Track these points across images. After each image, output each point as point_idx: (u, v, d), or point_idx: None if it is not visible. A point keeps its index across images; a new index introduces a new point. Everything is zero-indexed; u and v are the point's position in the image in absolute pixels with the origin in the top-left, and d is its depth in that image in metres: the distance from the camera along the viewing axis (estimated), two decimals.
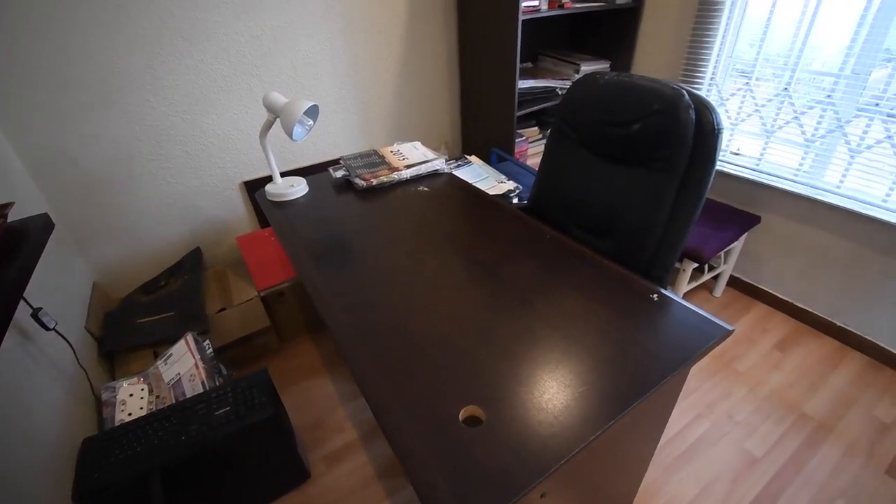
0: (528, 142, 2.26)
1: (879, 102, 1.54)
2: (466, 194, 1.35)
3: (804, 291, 1.93)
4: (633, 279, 0.95)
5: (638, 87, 1.02)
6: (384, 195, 1.35)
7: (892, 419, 1.54)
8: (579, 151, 1.22)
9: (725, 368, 1.76)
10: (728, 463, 1.43)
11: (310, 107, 1.22)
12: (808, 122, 1.73)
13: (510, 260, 1.03)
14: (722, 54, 1.90)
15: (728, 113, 1.97)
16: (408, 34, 2.03)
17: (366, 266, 1.03)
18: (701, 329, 0.81)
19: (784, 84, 1.75)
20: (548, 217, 1.32)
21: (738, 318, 2.01)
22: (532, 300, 0.90)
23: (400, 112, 2.21)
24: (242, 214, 1.99)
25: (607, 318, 0.84)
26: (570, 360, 0.76)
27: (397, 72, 2.09)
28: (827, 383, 1.68)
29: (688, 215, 1.00)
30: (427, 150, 1.53)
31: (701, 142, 0.93)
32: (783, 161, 1.85)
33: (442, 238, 1.13)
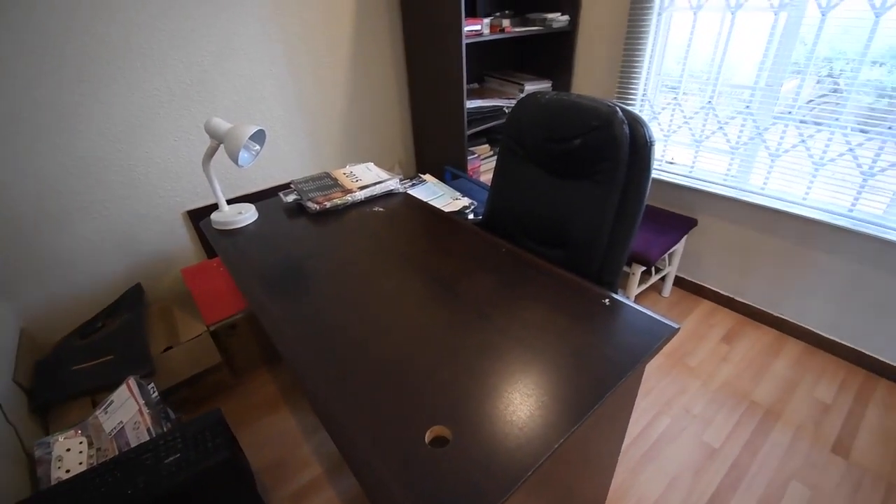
0: (480, 159, 2.31)
1: (791, 111, 1.71)
2: (422, 213, 1.36)
3: (742, 286, 2.08)
4: (586, 286, 0.98)
5: (576, 105, 1.08)
6: (338, 218, 1.33)
7: (832, 400, 1.67)
8: (528, 167, 1.26)
9: (679, 365, 1.85)
10: (689, 457, 1.49)
11: (255, 132, 1.19)
12: (732, 131, 1.89)
13: (468, 275, 1.04)
14: (651, 72, 2.04)
15: (661, 125, 2.11)
16: (354, 58, 2.05)
17: (322, 291, 1.00)
18: (651, 329, 0.85)
19: (708, 97, 1.91)
20: (503, 231, 1.35)
21: (686, 315, 2.13)
22: (491, 314, 0.91)
23: (351, 134, 2.20)
24: (187, 245, 1.90)
25: (564, 326, 0.86)
26: (531, 371, 0.77)
27: (346, 95, 2.10)
28: (771, 371, 1.80)
29: (631, 222, 1.05)
30: (381, 170, 1.53)
31: (636, 154, 0.99)
32: (713, 167, 2.00)
33: (399, 257, 1.12)
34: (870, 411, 1.62)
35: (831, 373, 1.78)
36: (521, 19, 2.18)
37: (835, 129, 1.61)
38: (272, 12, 1.75)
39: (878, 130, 1.52)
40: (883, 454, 1.47)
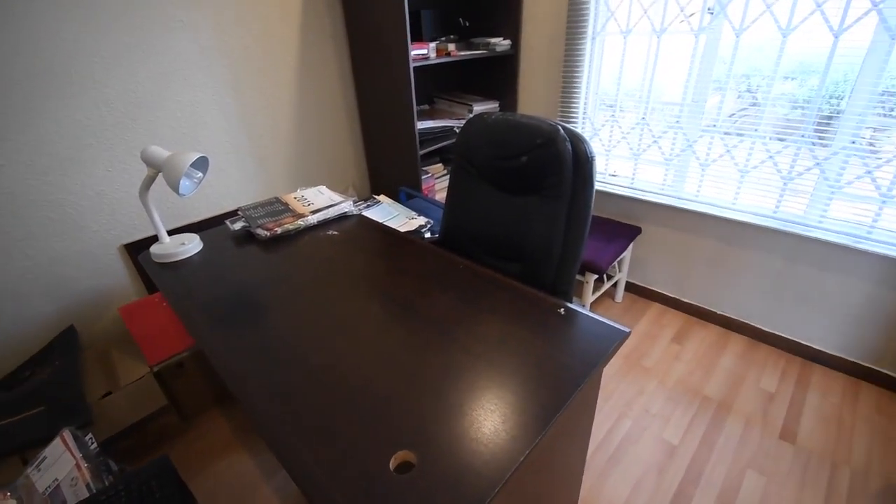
0: (435, 178, 2.34)
1: (716, 124, 1.86)
2: (378, 234, 1.35)
3: (685, 287, 2.20)
4: (542, 297, 1.00)
5: (521, 124, 1.12)
6: (291, 243, 1.30)
7: (775, 389, 1.79)
8: (479, 185, 1.29)
9: (636, 367, 1.91)
10: (652, 456, 1.53)
11: (197, 158, 1.15)
12: (665, 144, 2.03)
13: (427, 294, 1.03)
14: (589, 91, 2.17)
15: (602, 141, 2.23)
16: (301, 83, 2.03)
17: (275, 321, 0.97)
18: (604, 335, 0.88)
19: (642, 114, 2.04)
20: (459, 247, 1.37)
21: (639, 318, 2.22)
22: (452, 331, 0.91)
23: (302, 158, 2.17)
24: (125, 281, 1.77)
25: (523, 338, 0.88)
26: (493, 385, 0.77)
27: (295, 118, 2.07)
28: (719, 366, 1.91)
29: (579, 233, 1.09)
30: (333, 193, 1.52)
31: (579, 169, 1.04)
32: (651, 178, 2.14)
33: (356, 281, 1.10)
34: (809, 396, 1.74)
35: (772, 363, 1.91)
36: (466, 43, 2.26)
37: (755, 139, 1.77)
38: (214, 38, 1.72)
39: (793, 139, 1.69)
40: (824, 435, 1.58)
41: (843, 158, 1.60)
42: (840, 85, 1.56)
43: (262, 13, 1.82)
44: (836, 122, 1.58)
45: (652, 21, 1.86)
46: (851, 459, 1.49)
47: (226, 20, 1.73)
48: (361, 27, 1.98)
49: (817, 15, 1.50)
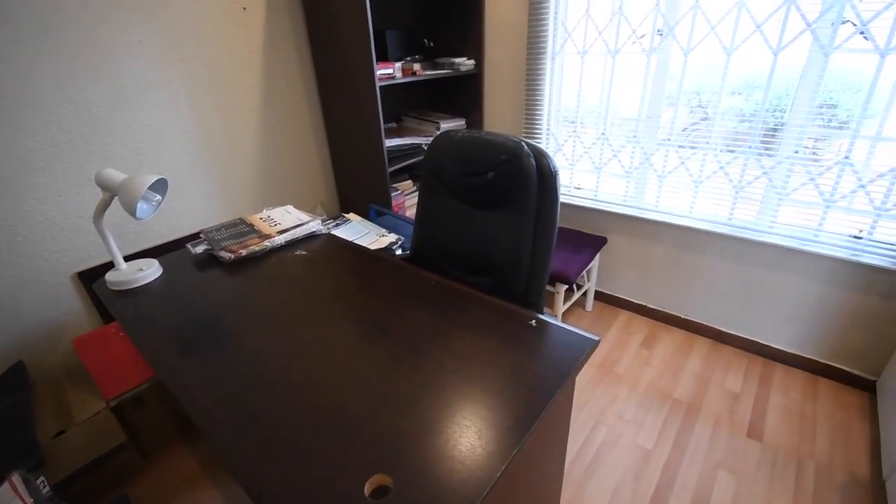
0: (404, 194, 2.34)
1: (671, 137, 1.95)
2: (348, 252, 1.34)
3: (650, 294, 2.27)
4: (514, 310, 1.01)
5: (486, 141, 1.15)
6: (257, 265, 1.26)
7: (740, 388, 1.85)
8: (448, 200, 1.31)
9: (608, 374, 1.95)
10: (628, 462, 1.55)
11: (155, 181, 1.11)
12: (625, 157, 2.11)
13: (399, 312, 1.03)
14: (552, 108, 2.24)
15: (565, 155, 2.31)
16: (266, 102, 2.01)
17: (241, 347, 0.93)
18: (575, 344, 0.89)
19: (602, 129, 2.13)
20: (431, 263, 1.37)
21: (609, 326, 2.27)
22: (425, 348, 0.90)
23: (267, 177, 2.13)
24: (78, 311, 1.68)
25: (496, 351, 0.88)
26: (467, 401, 0.77)
27: (260, 138, 2.04)
28: (686, 369, 1.97)
29: (547, 245, 1.12)
30: (301, 212, 1.49)
31: (544, 183, 1.07)
32: (613, 190, 2.22)
33: (326, 301, 1.08)
34: (772, 394, 1.82)
35: (736, 364, 1.99)
36: (431, 63, 2.30)
37: (707, 151, 1.87)
38: (174, 58, 1.68)
39: (742, 150, 1.79)
40: (788, 431, 1.65)
41: (787, 167, 1.71)
42: (782, 99, 1.67)
43: (225, 33, 1.80)
44: (780, 133, 1.70)
45: (606, 42, 1.96)
46: (815, 454, 1.56)
47: (187, 40, 1.70)
48: (326, 47, 1.99)
49: (757, 35, 1.61)
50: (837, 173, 1.62)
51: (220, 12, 1.77)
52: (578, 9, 1.98)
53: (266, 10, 1.90)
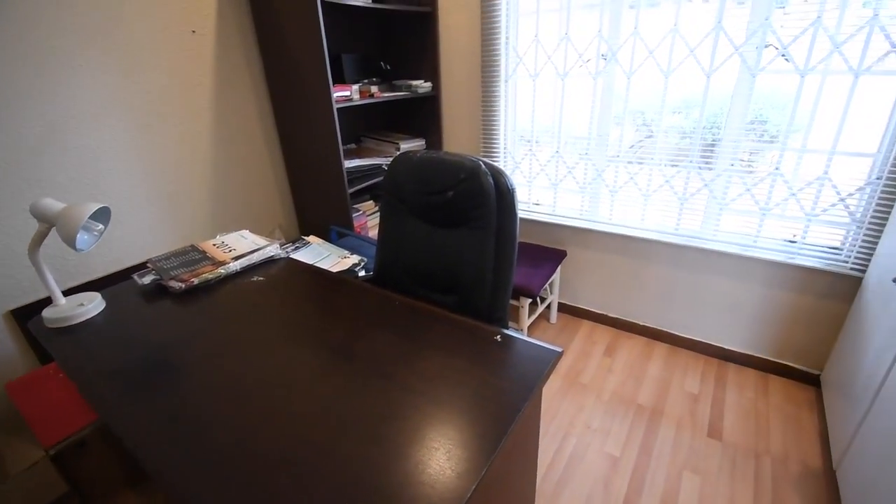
0: (367, 215, 2.33)
1: (620, 154, 2.06)
2: (309, 276, 1.31)
3: (609, 303, 2.35)
4: (479, 327, 1.02)
5: (445, 161, 1.17)
6: (211, 294, 1.21)
7: (699, 390, 1.93)
8: (409, 220, 1.31)
9: (574, 385, 1.98)
10: (598, 471, 1.57)
11: (97, 210, 1.05)
12: (578, 173, 2.20)
13: (363, 335, 1.01)
14: (508, 128, 2.32)
15: (523, 173, 2.38)
16: (218, 124, 1.96)
17: (194, 383, 0.88)
18: (539, 357, 0.90)
19: (556, 147, 2.21)
20: (395, 283, 1.36)
21: (573, 337, 2.32)
22: (391, 371, 0.89)
23: (221, 201, 2.06)
24: (12, 353, 1.53)
25: (462, 370, 0.88)
26: (435, 423, 0.76)
27: (212, 161, 1.98)
28: (647, 374, 2.03)
29: (508, 261, 1.14)
30: (257, 237, 1.45)
31: (502, 200, 1.10)
32: (570, 205, 2.30)
33: (285, 329, 1.05)
34: (728, 394, 1.90)
35: (693, 366, 2.07)
36: (388, 85, 2.33)
37: (653, 166, 1.98)
38: (121, 80, 1.62)
39: (684, 164, 1.91)
40: (745, 429, 1.72)
41: (725, 179, 1.84)
42: (717, 116, 1.80)
43: (174, 57, 1.75)
44: (717, 148, 1.82)
45: (555, 66, 2.06)
46: (771, 449, 1.64)
47: (133, 64, 1.64)
48: (281, 70, 1.97)
49: (691, 59, 1.74)
50: (770, 183, 1.76)
51: (168, 36, 1.72)
52: (528, 35, 2.08)
53: (217, 34, 1.87)
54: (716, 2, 1.64)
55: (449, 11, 2.24)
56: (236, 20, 1.92)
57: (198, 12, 1.80)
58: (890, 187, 1.53)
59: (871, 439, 1.25)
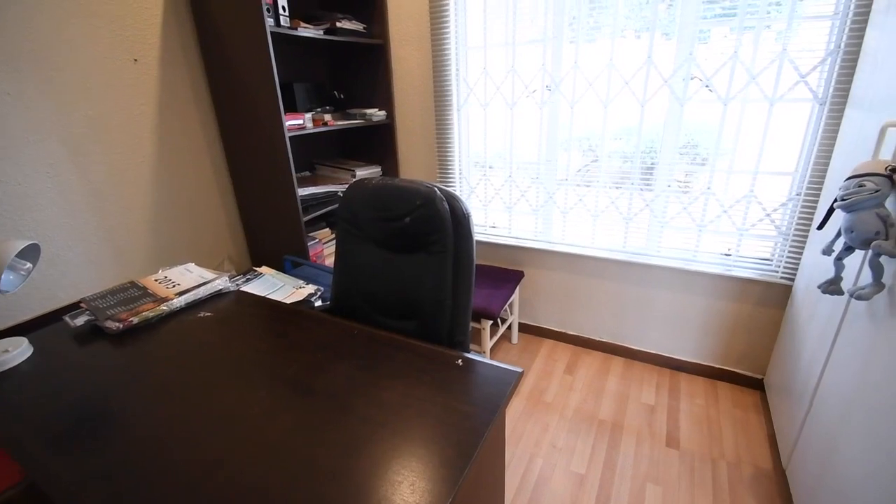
0: (323, 243, 2.28)
1: (568, 177, 2.16)
2: (261, 309, 1.25)
3: (567, 320, 2.41)
4: (440, 352, 1.01)
5: (400, 188, 1.18)
6: (152, 334, 1.13)
7: (654, 401, 1.99)
8: (367, 246, 1.30)
9: (538, 404, 1.99)
10: (565, 491, 1.57)
11: (25, 247, 0.97)
12: (531, 196, 2.28)
13: (321, 368, 0.97)
14: (462, 154, 2.38)
15: (479, 197, 2.43)
16: (162, 154, 1.88)
17: (133, 430, 0.81)
18: (502, 378, 0.91)
19: (509, 172, 2.29)
20: (353, 312, 1.33)
21: (535, 356, 2.35)
22: (351, 404, 0.86)
23: (165, 234, 1.96)
24: None
25: (424, 397, 0.86)
26: (398, 454, 0.73)
27: (155, 193, 1.88)
28: (606, 389, 2.08)
29: (467, 283, 1.15)
30: (204, 270, 1.38)
31: (458, 225, 1.12)
32: (525, 226, 2.37)
33: (236, 366, 0.99)
34: (682, 403, 1.98)
35: (648, 378, 2.15)
36: (342, 114, 2.34)
37: (599, 188, 2.09)
38: (51, 111, 1.52)
39: (627, 186, 2.03)
40: (699, 436, 1.79)
41: (664, 199, 1.97)
42: (654, 141, 1.94)
43: (114, 86, 1.68)
44: (655, 170, 1.96)
45: (504, 96, 2.15)
46: (725, 453, 1.71)
47: (68, 94, 1.56)
48: (230, 99, 1.93)
49: (626, 89, 1.88)
50: (704, 202, 1.90)
51: (107, 65, 1.66)
52: (477, 67, 2.17)
53: (160, 63, 1.82)
54: (646, 38, 1.79)
55: (400, 44, 2.31)
56: (182, 49, 1.88)
57: (140, 41, 1.74)
58: (808, 203, 1.70)
59: (814, 438, 1.34)
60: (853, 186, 1.05)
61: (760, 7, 1.59)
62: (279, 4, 1.78)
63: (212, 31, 1.84)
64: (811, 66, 1.57)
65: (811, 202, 1.69)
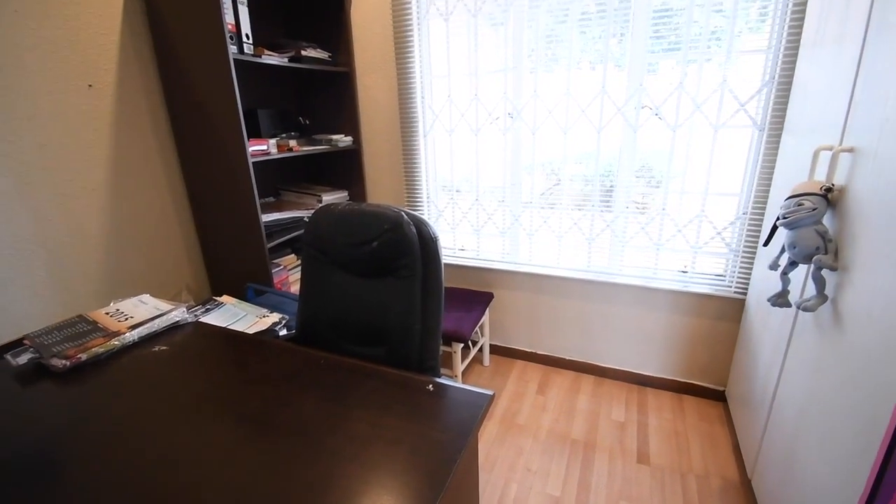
0: (287, 269, 2.23)
1: (532, 200, 2.22)
2: (221, 340, 1.20)
3: (537, 340, 2.44)
4: (410, 378, 1.00)
5: (367, 212, 1.18)
6: (102, 371, 1.06)
7: (624, 418, 2.02)
8: (334, 272, 1.28)
9: (512, 427, 1.98)
10: None
11: None
12: (498, 219, 2.32)
13: (286, 401, 0.93)
14: (429, 179, 2.41)
15: (447, 220, 2.46)
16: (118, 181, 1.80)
17: (82, 476, 0.75)
18: (473, 402, 0.90)
19: (476, 196, 2.33)
20: (319, 340, 1.29)
21: (507, 377, 2.34)
22: (318, 438, 0.82)
23: (118, 264, 1.86)
24: None
25: (395, 426, 0.84)
26: (368, 488, 0.71)
27: (108, 220, 1.79)
28: (577, 408, 2.09)
29: (436, 307, 1.15)
30: (160, 301, 1.32)
31: (426, 248, 1.12)
32: (493, 248, 2.40)
33: (194, 402, 0.94)
34: (650, 418, 2.01)
35: (617, 395, 2.18)
36: (308, 140, 2.33)
37: (563, 210, 2.16)
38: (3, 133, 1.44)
39: (588, 207, 2.11)
40: (668, 450, 1.82)
41: (623, 219, 2.05)
42: (612, 165, 2.03)
43: (67, 112, 1.61)
44: (614, 192, 2.04)
45: (469, 123, 2.21)
46: (693, 467, 1.74)
47: (14, 120, 1.48)
48: (191, 125, 1.89)
49: (584, 117, 1.97)
50: (660, 222, 1.99)
51: (59, 90, 1.59)
52: (442, 94, 2.23)
53: (117, 88, 1.77)
54: (600, 69, 1.90)
55: (366, 72, 2.34)
56: (141, 75, 1.84)
57: (97, 66, 1.69)
58: (754, 221, 1.81)
59: (774, 446, 1.38)
60: (793, 205, 1.13)
61: (702, 42, 1.72)
62: (243, 32, 1.78)
63: (172, 57, 1.81)
64: (749, 96, 1.71)
65: (757, 220, 1.81)
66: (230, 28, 1.69)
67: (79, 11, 1.62)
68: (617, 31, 1.83)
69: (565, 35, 1.92)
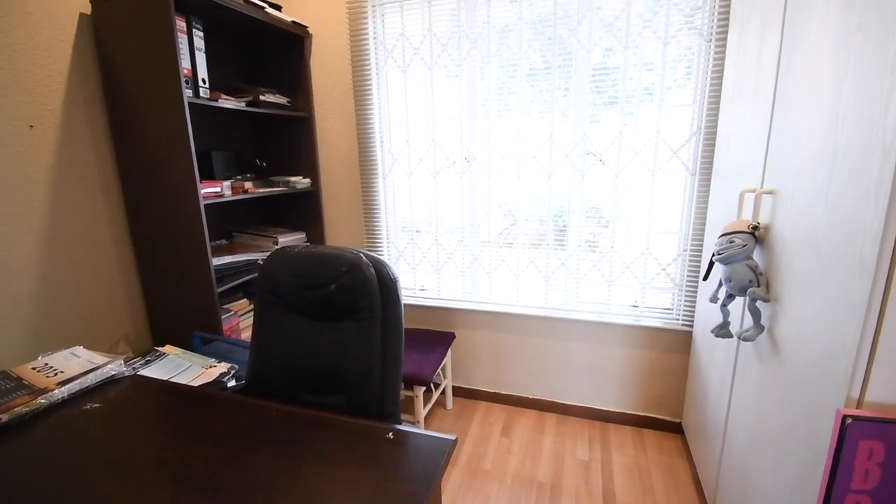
0: (239, 315, 2.13)
1: (490, 240, 2.27)
2: (161, 395, 1.11)
3: (499, 380, 2.42)
4: (369, 426, 0.96)
5: (325, 254, 1.16)
6: (26, 433, 0.94)
7: (588, 456, 2.01)
8: (289, 316, 1.23)
9: (477, 473, 1.92)
10: None
11: None
12: (458, 258, 2.36)
13: (232, 459, 0.87)
14: (389, 220, 2.43)
15: (407, 260, 2.46)
16: (53, 224, 1.69)
17: None
18: (435, 448, 0.87)
19: (435, 236, 2.36)
20: (272, 390, 1.22)
21: (471, 420, 2.29)
22: (268, 498, 0.76)
23: (49, 314, 1.70)
24: None
25: (352, 479, 0.80)
26: None
27: (41, 266, 1.66)
28: (543, 449, 2.07)
29: (396, 350, 1.13)
30: (94, 353, 1.21)
31: (385, 290, 1.12)
32: (453, 288, 2.42)
33: (129, 466, 0.85)
34: (613, 455, 2.02)
35: (580, 433, 2.18)
36: (264, 181, 2.30)
37: (519, 249, 2.23)
38: None
39: (543, 246, 2.18)
40: (632, 487, 1.82)
41: (577, 257, 2.14)
42: (564, 206, 2.14)
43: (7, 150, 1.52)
44: (567, 232, 2.14)
45: (427, 166, 2.28)
46: (657, 501, 1.74)
47: None
48: (139, 167, 1.82)
49: (535, 161, 2.08)
50: (610, 259, 2.09)
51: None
52: (401, 138, 2.30)
53: (60, 129, 1.69)
54: (548, 118, 2.03)
55: (325, 116, 2.38)
56: (87, 117, 1.77)
57: (39, 107, 1.62)
58: (694, 257, 1.94)
59: (731, 474, 1.42)
60: (725, 242, 1.23)
61: (636, 97, 1.90)
62: (199, 77, 1.78)
63: (123, 99, 1.76)
64: (680, 144, 1.88)
65: (696, 256, 1.94)
66: (186, 73, 1.69)
67: (25, 50, 1.57)
68: (562, 85, 1.99)
69: (516, 87, 2.05)
